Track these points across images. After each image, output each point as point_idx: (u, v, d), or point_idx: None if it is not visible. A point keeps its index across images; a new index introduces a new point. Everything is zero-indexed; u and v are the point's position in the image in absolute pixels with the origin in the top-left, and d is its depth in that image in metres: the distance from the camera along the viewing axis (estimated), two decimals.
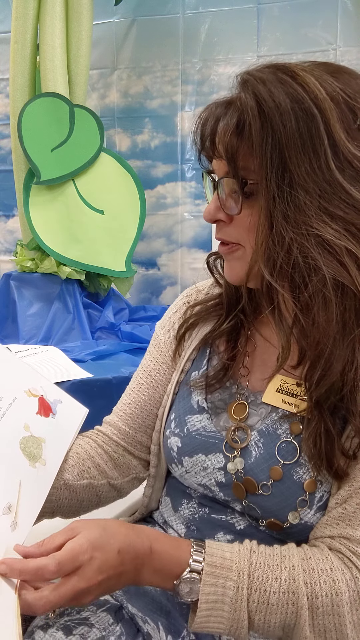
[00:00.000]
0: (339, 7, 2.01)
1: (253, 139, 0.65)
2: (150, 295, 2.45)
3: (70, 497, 0.83)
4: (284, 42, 2.08)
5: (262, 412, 0.78)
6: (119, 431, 0.90)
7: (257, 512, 0.75)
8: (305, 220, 0.64)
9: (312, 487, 0.71)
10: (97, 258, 2.07)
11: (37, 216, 2.02)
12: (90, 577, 0.62)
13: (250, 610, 0.65)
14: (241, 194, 0.68)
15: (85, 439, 0.90)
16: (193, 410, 0.82)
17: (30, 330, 2.03)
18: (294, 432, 0.74)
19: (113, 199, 2.11)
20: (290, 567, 0.66)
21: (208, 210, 0.73)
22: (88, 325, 2.05)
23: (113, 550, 0.64)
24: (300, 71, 0.66)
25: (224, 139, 0.68)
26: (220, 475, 0.77)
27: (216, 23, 2.17)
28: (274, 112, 0.64)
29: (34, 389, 0.85)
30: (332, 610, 0.65)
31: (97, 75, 2.35)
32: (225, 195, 0.71)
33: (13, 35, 1.98)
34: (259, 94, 0.65)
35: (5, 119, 2.45)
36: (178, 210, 2.32)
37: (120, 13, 2.28)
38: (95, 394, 1.52)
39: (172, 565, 0.66)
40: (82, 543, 0.62)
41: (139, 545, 0.66)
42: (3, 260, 2.60)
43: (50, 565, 0.61)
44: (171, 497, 0.87)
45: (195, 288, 0.92)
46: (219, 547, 0.68)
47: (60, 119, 1.99)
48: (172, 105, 2.28)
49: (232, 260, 0.74)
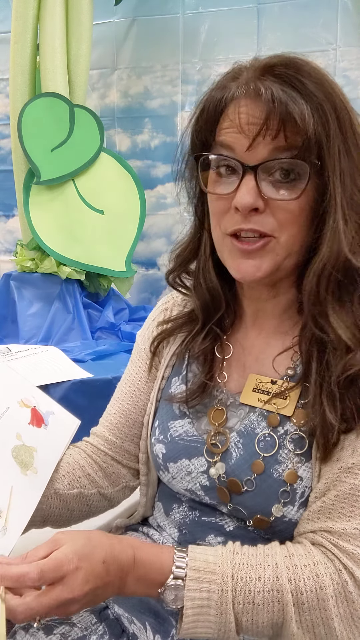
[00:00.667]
0: (339, 7, 2.00)
1: (328, 125, 0.66)
2: (150, 295, 2.45)
3: (61, 507, 0.83)
4: (284, 42, 2.08)
5: (241, 413, 0.78)
6: (106, 441, 0.91)
7: (243, 513, 0.75)
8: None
9: (292, 478, 0.71)
10: (97, 258, 2.07)
11: (37, 216, 2.02)
12: (75, 588, 0.61)
13: (236, 612, 0.65)
14: (308, 179, 0.67)
15: (75, 449, 0.90)
16: (175, 416, 0.82)
17: (30, 330, 2.03)
18: (272, 425, 0.74)
19: (113, 199, 2.10)
20: (273, 565, 0.66)
21: (245, 198, 0.67)
22: (88, 325, 2.05)
23: (98, 560, 0.63)
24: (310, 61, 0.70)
25: (306, 122, 0.65)
26: (204, 478, 0.78)
27: (216, 23, 2.17)
28: (334, 98, 0.68)
29: (27, 400, 0.86)
30: (318, 604, 0.65)
31: (97, 75, 2.34)
32: (272, 182, 0.68)
33: (13, 35, 1.98)
34: (318, 80, 0.67)
35: (5, 119, 2.45)
36: (178, 210, 2.32)
37: (120, 13, 2.28)
38: (95, 394, 1.52)
39: (155, 573, 0.66)
40: (67, 553, 0.62)
41: (123, 555, 0.65)
42: (3, 260, 2.59)
43: (32, 572, 0.60)
44: (162, 502, 0.87)
45: (170, 296, 0.92)
46: (202, 551, 0.68)
47: (60, 119, 1.99)
48: (172, 105, 2.28)
49: (259, 257, 0.71)
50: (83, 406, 1.49)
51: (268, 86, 0.66)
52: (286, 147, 0.66)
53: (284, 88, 0.66)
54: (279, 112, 0.65)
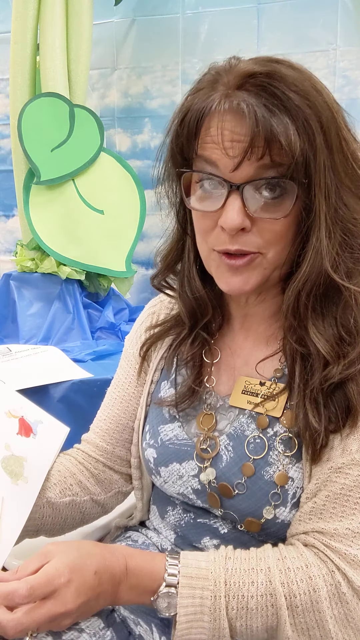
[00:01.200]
0: (339, 7, 2.00)
1: (315, 140, 0.64)
2: (150, 295, 2.42)
3: (54, 515, 0.83)
4: (284, 42, 2.08)
5: (230, 415, 0.78)
6: (97, 448, 0.90)
7: (234, 516, 0.75)
8: (350, 215, 0.67)
9: (283, 480, 0.71)
10: (97, 258, 2.07)
11: (37, 216, 2.02)
12: (68, 601, 0.61)
13: (230, 618, 0.64)
14: (297, 197, 0.65)
15: (66, 456, 0.90)
16: (165, 420, 0.82)
17: (30, 330, 2.02)
18: (261, 426, 0.74)
19: (113, 199, 2.10)
20: (265, 569, 0.65)
21: (233, 219, 0.65)
22: (88, 325, 2.05)
23: (90, 571, 0.63)
24: (297, 66, 0.67)
25: (290, 141, 0.63)
26: (195, 482, 0.77)
27: (216, 23, 2.16)
28: (319, 111, 0.65)
29: (14, 410, 0.86)
30: (312, 607, 0.64)
31: (97, 75, 2.34)
32: (259, 200, 0.66)
33: (13, 35, 1.98)
34: (303, 91, 0.64)
35: (5, 119, 2.45)
36: None
37: (120, 13, 2.28)
38: (95, 394, 1.52)
39: (148, 580, 0.65)
40: (58, 566, 0.61)
41: (115, 564, 0.65)
42: (3, 260, 2.59)
43: (22, 589, 0.59)
44: (157, 506, 0.87)
45: (158, 299, 0.92)
46: (194, 557, 0.67)
47: (60, 119, 1.99)
48: (172, 105, 2.27)
49: (247, 272, 0.70)
50: (83, 406, 1.49)
51: (250, 103, 0.63)
52: (271, 165, 0.64)
53: (267, 104, 0.62)
54: (264, 134, 0.62)
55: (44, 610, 0.60)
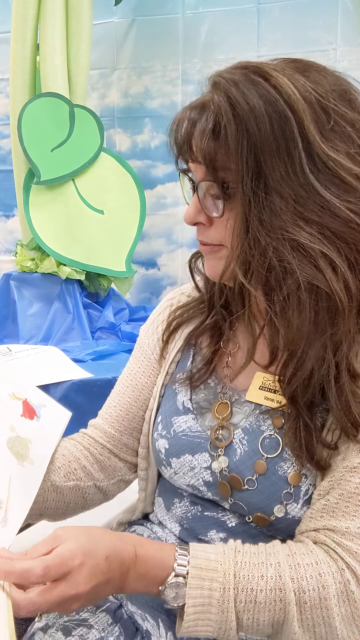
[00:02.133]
0: (339, 7, 2.00)
1: (229, 142, 0.64)
2: (150, 295, 2.45)
3: (58, 499, 0.83)
4: (284, 42, 2.08)
5: (246, 410, 0.78)
6: (104, 434, 0.91)
7: (244, 509, 0.75)
8: (280, 224, 0.64)
9: (296, 480, 0.71)
10: (97, 258, 2.07)
11: (37, 216, 2.01)
12: (80, 584, 0.61)
13: (238, 611, 0.64)
14: (222, 197, 0.68)
15: (70, 441, 0.90)
16: (178, 412, 0.82)
17: (30, 330, 2.02)
18: (276, 426, 0.74)
19: (113, 199, 2.10)
20: (275, 564, 0.66)
21: (188, 213, 0.72)
22: (88, 325, 2.05)
23: (101, 556, 0.63)
24: (273, 71, 0.65)
25: (201, 145, 0.67)
26: (207, 474, 0.78)
27: (216, 23, 2.16)
28: (248, 115, 0.63)
29: (18, 393, 0.86)
30: (320, 604, 0.64)
31: (97, 75, 2.34)
32: (205, 198, 0.70)
33: (13, 35, 1.98)
34: (233, 96, 0.64)
35: (5, 119, 2.45)
36: (178, 210, 2.32)
37: (120, 13, 2.28)
38: (95, 394, 1.52)
39: (157, 570, 0.65)
40: (71, 549, 0.62)
41: (125, 551, 0.65)
42: (3, 260, 2.59)
43: (37, 568, 0.60)
44: (163, 498, 0.87)
45: (178, 291, 0.93)
46: (203, 549, 0.67)
47: (60, 119, 1.99)
48: (172, 105, 2.28)
49: (213, 259, 0.74)
50: (83, 406, 1.48)
51: (189, 107, 0.70)
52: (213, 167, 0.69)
53: (197, 110, 0.68)
54: (187, 137, 0.70)
55: (57, 591, 0.60)
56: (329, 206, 0.64)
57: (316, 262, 0.64)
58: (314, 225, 0.64)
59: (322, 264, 0.64)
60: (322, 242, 0.64)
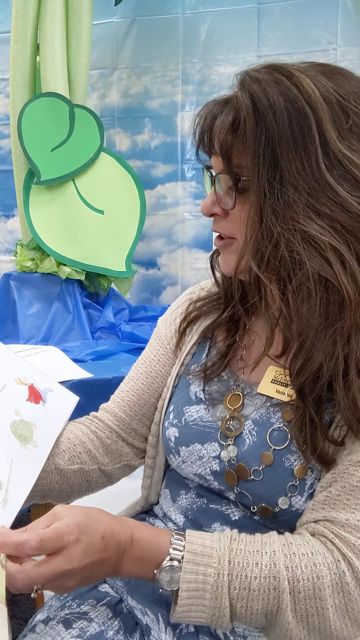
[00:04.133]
0: (339, 7, 2.00)
1: (247, 136, 0.67)
2: (150, 295, 2.45)
3: (62, 482, 0.85)
4: (285, 42, 2.08)
5: (257, 402, 0.79)
6: (115, 417, 0.92)
7: (249, 499, 0.76)
8: (292, 216, 0.66)
9: (302, 473, 0.72)
10: (97, 258, 2.07)
11: (37, 216, 2.02)
12: (75, 559, 0.61)
13: (231, 597, 0.65)
14: (235, 190, 0.71)
15: (77, 424, 0.92)
16: (191, 402, 0.84)
17: (30, 330, 2.02)
18: (285, 419, 0.75)
19: (113, 199, 2.10)
20: (270, 552, 0.66)
21: (205, 205, 0.75)
22: (88, 325, 2.05)
23: (98, 534, 0.64)
24: (296, 71, 0.68)
25: (219, 136, 0.70)
26: (215, 464, 0.79)
27: (216, 23, 2.16)
28: (267, 110, 0.66)
29: (24, 378, 0.87)
30: (314, 594, 0.65)
31: (97, 75, 2.34)
32: (221, 191, 0.73)
33: (13, 35, 1.98)
34: (254, 92, 0.67)
35: (5, 119, 2.45)
36: (178, 210, 2.32)
37: (120, 13, 2.28)
38: (95, 394, 1.52)
39: (152, 553, 0.66)
40: (68, 524, 0.62)
41: (121, 532, 0.66)
42: (3, 260, 2.59)
43: (32, 540, 0.60)
44: (170, 489, 0.88)
45: (198, 286, 0.94)
46: (200, 535, 0.68)
47: (60, 119, 1.99)
48: (172, 105, 2.28)
49: (226, 254, 0.77)
50: (83, 406, 1.48)
51: (213, 102, 0.73)
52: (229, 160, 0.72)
53: (222, 104, 0.71)
54: (208, 130, 0.73)
55: (52, 565, 0.61)
56: (341, 201, 0.66)
57: (325, 254, 0.66)
58: (325, 218, 0.66)
59: (331, 256, 0.66)
60: (332, 235, 0.66)
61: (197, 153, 0.78)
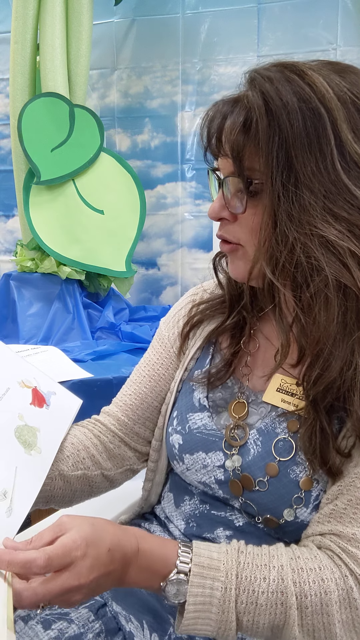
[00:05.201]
0: (339, 7, 2.00)
1: (259, 137, 0.64)
2: (150, 295, 2.45)
3: (65, 488, 0.83)
4: (285, 42, 2.08)
5: (262, 411, 0.78)
6: (117, 422, 0.90)
7: (254, 509, 0.75)
8: (309, 220, 0.64)
9: (308, 485, 0.71)
10: (97, 258, 2.07)
11: (37, 216, 2.02)
12: (82, 575, 0.60)
13: (238, 612, 0.64)
14: (246, 193, 0.68)
15: (80, 428, 0.90)
16: (194, 408, 0.82)
17: (30, 330, 2.02)
18: (291, 430, 0.74)
19: (113, 199, 2.10)
20: (278, 567, 0.65)
21: (213, 208, 0.72)
22: (88, 325, 2.05)
23: (104, 547, 0.62)
24: (308, 70, 0.66)
25: (230, 137, 0.67)
26: (219, 473, 0.77)
27: (216, 23, 2.16)
28: (281, 110, 0.64)
29: (27, 381, 0.85)
30: (321, 609, 0.64)
31: (97, 75, 2.34)
32: (230, 194, 0.70)
33: (13, 35, 1.98)
34: (267, 92, 0.64)
35: (5, 119, 2.45)
36: (178, 210, 2.32)
37: (120, 13, 2.28)
38: (95, 394, 1.52)
39: (159, 565, 0.65)
40: (75, 539, 0.61)
41: (127, 543, 0.65)
42: (3, 260, 2.59)
43: (40, 559, 0.59)
44: (174, 494, 0.87)
45: (201, 287, 0.92)
46: (207, 547, 0.67)
47: (60, 119, 1.99)
48: (172, 105, 2.28)
49: (235, 260, 0.75)
50: (83, 406, 1.48)
51: (222, 102, 0.69)
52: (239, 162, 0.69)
53: (232, 104, 0.68)
54: (217, 131, 0.69)
55: (60, 582, 0.60)
56: (359, 204, 0.64)
57: (344, 260, 0.64)
58: (343, 223, 0.64)
59: (350, 262, 0.64)
60: (350, 239, 0.64)
61: (205, 155, 0.74)
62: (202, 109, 2.25)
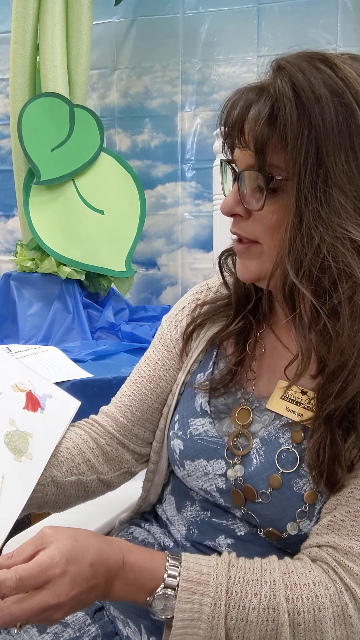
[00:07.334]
0: (339, 7, 2.00)
1: (287, 130, 0.60)
2: (150, 295, 2.45)
3: (58, 494, 0.81)
4: (285, 42, 2.07)
5: (265, 419, 0.75)
6: (115, 423, 0.88)
7: (256, 520, 0.72)
8: (339, 222, 0.60)
9: (312, 499, 0.68)
10: (97, 258, 2.07)
11: (37, 216, 2.01)
12: (61, 593, 0.57)
13: (228, 628, 0.61)
14: (266, 190, 0.64)
15: (77, 430, 0.87)
16: (196, 414, 0.80)
17: (30, 330, 2.02)
18: (295, 441, 0.71)
19: (113, 199, 2.10)
20: (270, 582, 0.62)
21: (226, 203, 0.68)
22: (88, 325, 2.05)
23: (86, 563, 0.60)
24: (341, 63, 0.62)
25: (254, 128, 0.62)
26: (221, 481, 0.75)
27: (216, 23, 2.16)
28: (313, 103, 0.60)
29: (22, 384, 0.83)
30: (314, 626, 0.61)
31: (97, 75, 2.34)
32: (246, 189, 0.66)
33: (13, 35, 1.98)
34: (298, 82, 0.60)
35: (5, 119, 2.45)
36: (178, 210, 2.32)
37: (120, 13, 2.28)
38: (95, 394, 1.52)
39: (146, 579, 0.62)
40: (53, 555, 0.58)
41: (112, 556, 0.62)
42: (3, 260, 2.59)
43: (10, 580, 0.56)
44: (175, 498, 0.85)
45: (205, 285, 0.88)
46: (196, 560, 0.64)
47: (60, 119, 1.99)
48: (172, 105, 2.28)
49: (246, 259, 0.70)
50: (83, 407, 1.48)
51: (244, 90, 0.65)
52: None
53: (256, 93, 0.64)
54: (240, 121, 0.64)
55: (36, 600, 0.56)
56: None
57: None
58: None
59: None
60: None
61: (224, 145, 0.68)
62: (202, 109, 2.25)
